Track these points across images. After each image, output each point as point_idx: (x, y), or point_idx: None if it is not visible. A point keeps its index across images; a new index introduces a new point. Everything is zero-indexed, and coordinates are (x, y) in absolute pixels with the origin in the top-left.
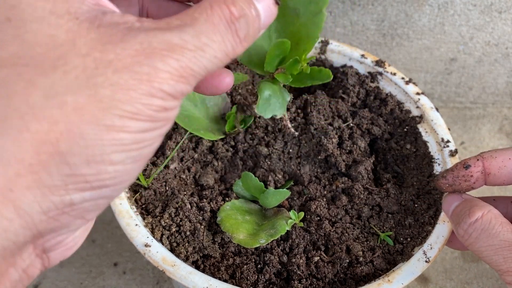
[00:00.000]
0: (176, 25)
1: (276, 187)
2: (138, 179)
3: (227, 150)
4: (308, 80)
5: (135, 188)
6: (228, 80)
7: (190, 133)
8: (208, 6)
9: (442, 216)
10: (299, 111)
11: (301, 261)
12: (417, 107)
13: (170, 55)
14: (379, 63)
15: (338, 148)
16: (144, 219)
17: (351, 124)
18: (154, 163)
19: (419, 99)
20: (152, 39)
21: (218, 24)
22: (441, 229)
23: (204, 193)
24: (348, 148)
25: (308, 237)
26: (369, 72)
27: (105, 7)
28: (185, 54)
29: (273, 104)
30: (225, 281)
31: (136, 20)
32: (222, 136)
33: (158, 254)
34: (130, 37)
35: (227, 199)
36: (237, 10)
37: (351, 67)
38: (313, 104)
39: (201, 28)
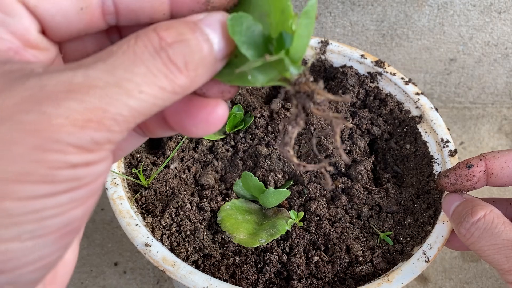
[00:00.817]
0: (87, 63)
1: (276, 187)
2: (138, 178)
3: (227, 150)
4: None
5: (135, 188)
6: (220, 112)
7: None
8: (132, 37)
9: (442, 216)
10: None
11: (301, 260)
12: (417, 107)
13: (69, 96)
14: (379, 63)
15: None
16: (144, 219)
17: (351, 124)
18: (154, 163)
19: (418, 99)
20: (47, 81)
21: (141, 53)
22: (441, 229)
23: (204, 193)
24: (348, 148)
25: (308, 237)
26: (368, 72)
27: (14, 56)
28: (92, 93)
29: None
30: (225, 280)
31: (41, 66)
32: (222, 136)
33: (159, 253)
34: (19, 83)
35: (227, 199)
36: (170, 35)
37: (351, 67)
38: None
39: (117, 61)
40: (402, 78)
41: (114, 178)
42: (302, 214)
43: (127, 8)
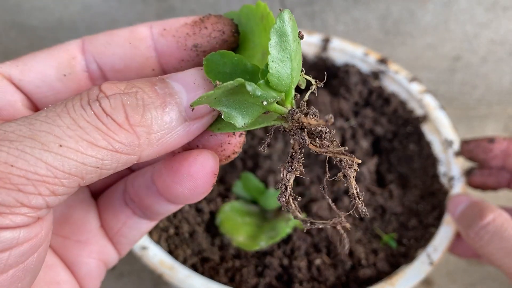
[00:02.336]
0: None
1: (276, 188)
2: None
3: None
4: None
5: None
6: (204, 163)
7: None
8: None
9: (447, 217)
10: None
11: (302, 263)
12: (421, 106)
13: None
14: (382, 61)
15: None
16: None
17: (354, 124)
18: None
19: (422, 98)
20: None
21: (71, 106)
22: (446, 231)
23: None
24: (351, 148)
25: (310, 239)
26: (371, 71)
27: None
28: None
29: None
30: (225, 284)
31: None
32: None
33: (156, 257)
34: None
35: (226, 200)
36: (113, 88)
37: (353, 65)
38: (314, 103)
39: (41, 114)
40: (406, 77)
41: None
42: (304, 215)
43: (112, 69)
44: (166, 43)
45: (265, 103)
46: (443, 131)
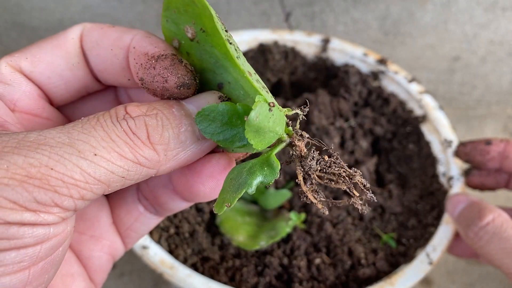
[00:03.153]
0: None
1: (276, 188)
2: None
3: None
4: None
5: None
6: (228, 168)
7: None
8: (105, 111)
9: (446, 217)
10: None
11: (302, 263)
12: (420, 106)
13: (14, 151)
14: (382, 61)
15: (340, 148)
16: None
17: (353, 124)
18: None
19: (422, 98)
20: (1, 138)
21: (103, 121)
22: (445, 231)
23: None
24: (350, 148)
25: (309, 239)
26: (371, 71)
27: None
28: (40, 150)
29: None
30: (225, 283)
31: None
32: None
33: (156, 256)
34: None
35: None
36: (136, 110)
37: (353, 65)
38: (314, 103)
39: (78, 125)
40: (405, 77)
41: None
42: (303, 215)
43: (96, 68)
44: (131, 62)
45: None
46: (442, 131)
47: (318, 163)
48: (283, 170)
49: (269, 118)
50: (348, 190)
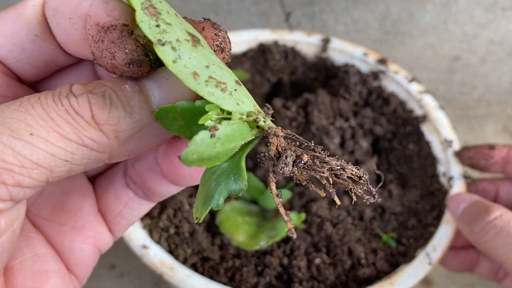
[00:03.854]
0: None
1: (276, 188)
2: None
3: None
4: None
5: None
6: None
7: None
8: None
9: (446, 217)
10: (299, 110)
11: (302, 263)
12: (420, 106)
13: None
14: (382, 61)
15: (340, 148)
16: (142, 220)
17: (353, 124)
18: None
19: (422, 98)
20: None
21: (44, 99)
22: (445, 231)
23: None
24: (350, 148)
25: (309, 239)
26: (371, 71)
27: None
28: None
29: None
30: (225, 284)
31: None
32: None
33: (156, 256)
34: None
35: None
36: (81, 88)
37: (353, 65)
38: (314, 103)
39: (15, 103)
40: (406, 77)
41: None
42: (303, 215)
43: (58, 39)
44: (87, 32)
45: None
46: (442, 131)
47: (295, 165)
48: None
49: (213, 145)
50: (347, 188)
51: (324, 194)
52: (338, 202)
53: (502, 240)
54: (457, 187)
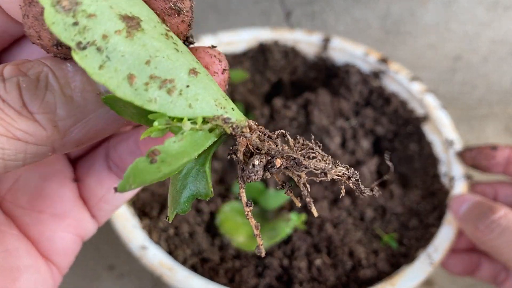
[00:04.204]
0: None
1: (276, 188)
2: None
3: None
4: None
5: None
6: None
7: None
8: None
9: (448, 217)
10: (300, 109)
11: (303, 264)
12: (422, 106)
13: None
14: (383, 60)
15: (341, 148)
16: (141, 221)
17: (354, 123)
18: None
19: (423, 98)
20: None
21: None
22: (447, 231)
23: None
24: (351, 148)
25: (310, 240)
26: (372, 70)
27: None
28: None
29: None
30: (224, 285)
31: None
32: None
33: (155, 257)
34: None
35: (226, 200)
36: (12, 69)
37: (354, 65)
38: (315, 102)
39: None
40: (407, 76)
41: None
42: (304, 216)
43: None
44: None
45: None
46: (444, 131)
47: (266, 170)
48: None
49: (157, 170)
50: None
51: (300, 204)
52: (315, 213)
53: (507, 238)
54: (459, 187)
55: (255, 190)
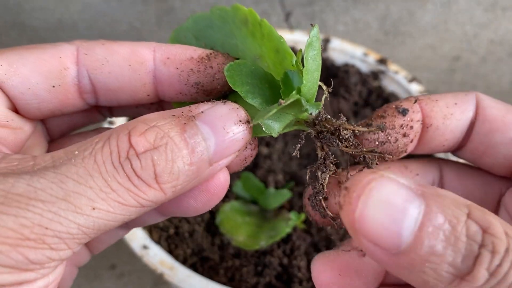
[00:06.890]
0: (36, 168)
1: (276, 188)
2: None
3: None
4: None
5: None
6: (222, 179)
7: None
8: (103, 138)
9: None
10: None
11: (302, 263)
12: None
13: (2, 210)
14: (382, 61)
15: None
16: None
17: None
18: None
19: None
20: None
21: (101, 163)
22: None
23: None
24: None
25: (309, 239)
26: (371, 71)
27: None
28: (32, 207)
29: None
30: (224, 284)
31: (8, 162)
32: None
33: (156, 256)
34: None
35: (226, 200)
36: (142, 142)
37: (353, 65)
38: None
39: (71, 170)
40: (406, 77)
41: None
42: (303, 215)
43: (105, 87)
44: (167, 73)
45: (311, 110)
46: None
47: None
48: (283, 170)
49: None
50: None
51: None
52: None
53: None
54: None
55: (255, 190)
